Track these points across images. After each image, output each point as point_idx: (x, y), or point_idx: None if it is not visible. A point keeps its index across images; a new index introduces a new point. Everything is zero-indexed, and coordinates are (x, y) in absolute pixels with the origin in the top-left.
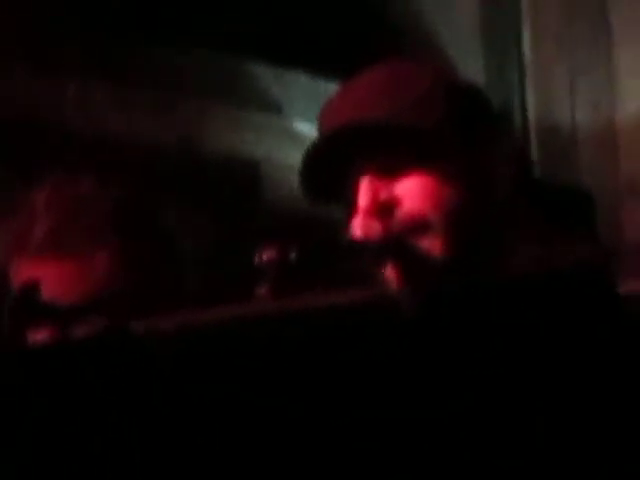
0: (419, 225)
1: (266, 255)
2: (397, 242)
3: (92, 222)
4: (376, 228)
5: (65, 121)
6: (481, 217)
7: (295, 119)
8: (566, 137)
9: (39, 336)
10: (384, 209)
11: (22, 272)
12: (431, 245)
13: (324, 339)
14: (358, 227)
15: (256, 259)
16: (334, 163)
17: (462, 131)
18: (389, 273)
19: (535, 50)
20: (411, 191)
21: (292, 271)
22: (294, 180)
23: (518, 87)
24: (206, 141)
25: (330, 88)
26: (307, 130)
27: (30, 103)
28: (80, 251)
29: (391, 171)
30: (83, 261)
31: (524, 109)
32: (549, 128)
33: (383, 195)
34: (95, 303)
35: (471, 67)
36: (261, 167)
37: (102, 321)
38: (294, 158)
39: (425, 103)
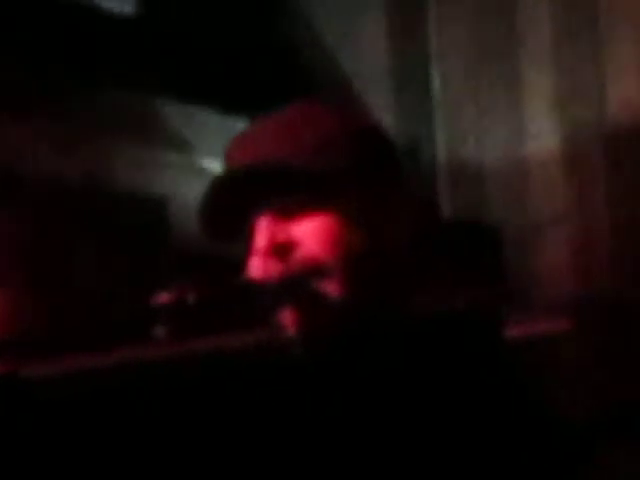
0: (315, 268)
1: (164, 297)
2: (293, 285)
3: None
4: (273, 269)
5: None
6: (378, 261)
7: (204, 157)
8: (475, 175)
9: None
10: (281, 251)
11: None
12: (327, 288)
13: (216, 383)
14: (255, 268)
15: (154, 300)
16: (234, 202)
17: (363, 175)
18: (285, 315)
19: (444, 89)
20: (308, 234)
21: (190, 313)
22: None
23: (428, 125)
24: (115, 179)
25: (239, 126)
26: (216, 168)
27: None
28: None
29: (290, 212)
30: None
31: (434, 147)
32: (458, 166)
33: (281, 236)
34: None
35: (382, 105)
36: (170, 205)
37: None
38: (200, 195)
39: (327, 146)
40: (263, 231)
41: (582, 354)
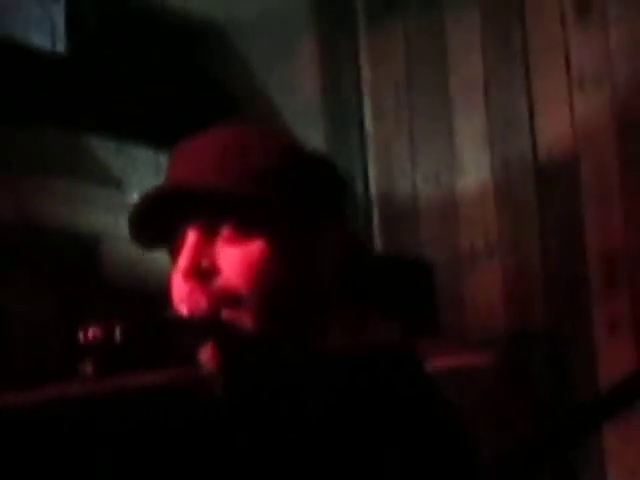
0: (232, 298)
1: (91, 333)
2: (213, 321)
3: None
4: (192, 291)
5: None
6: (299, 294)
7: (135, 192)
8: (407, 208)
9: None
10: (202, 275)
11: None
12: (242, 318)
13: (137, 420)
14: (175, 287)
15: (80, 337)
16: (163, 212)
17: (295, 206)
18: (206, 351)
19: (376, 123)
20: (231, 261)
21: (117, 349)
22: (132, 253)
23: (360, 159)
24: (45, 216)
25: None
26: None
27: None
28: None
29: (216, 233)
30: None
31: (366, 181)
32: (390, 199)
33: (205, 260)
34: None
35: (313, 139)
36: (100, 241)
37: None
38: None
39: (262, 173)
40: (188, 249)
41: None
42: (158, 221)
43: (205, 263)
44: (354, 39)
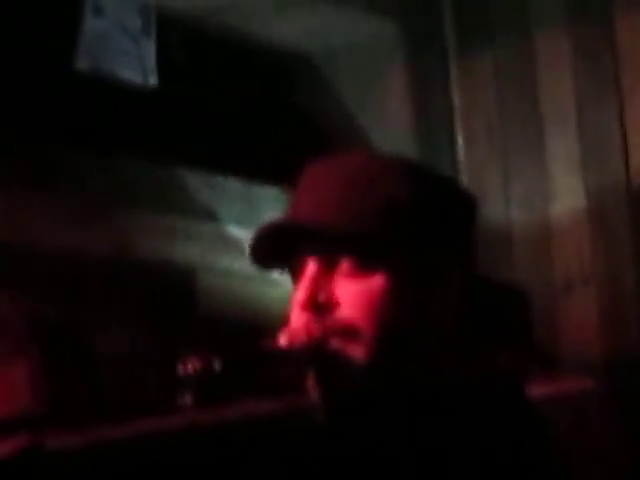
0: (347, 331)
1: (190, 365)
2: (317, 351)
3: (11, 335)
4: (308, 324)
5: None
6: (414, 332)
7: (228, 225)
8: (500, 235)
9: None
10: (320, 307)
11: None
12: (355, 352)
13: (239, 451)
14: (293, 316)
15: (180, 369)
16: (287, 242)
17: (416, 243)
18: (309, 381)
19: (468, 150)
20: (350, 297)
21: (216, 380)
22: (228, 285)
23: None
24: (139, 250)
25: (262, 192)
26: (240, 235)
27: None
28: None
29: (336, 268)
30: (2, 373)
31: None
32: (484, 228)
33: (323, 293)
34: (12, 418)
35: None
36: (195, 274)
37: (20, 438)
38: (228, 263)
39: (384, 209)
40: (306, 282)
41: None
42: (278, 248)
43: (323, 297)
44: (444, 66)
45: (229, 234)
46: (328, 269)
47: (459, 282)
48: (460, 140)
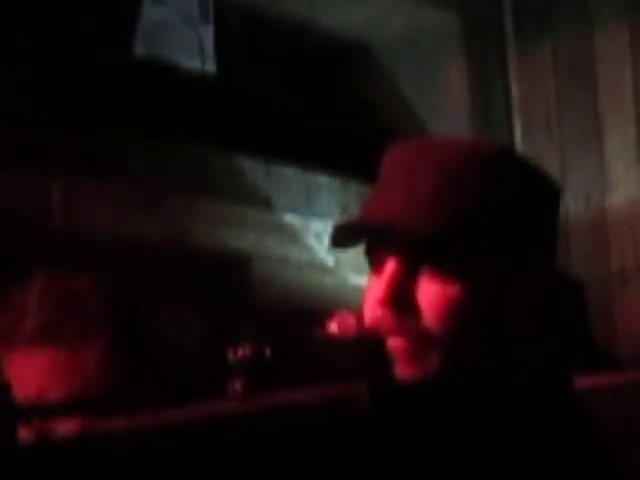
0: (424, 337)
1: (241, 352)
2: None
3: (84, 316)
4: (386, 319)
5: (51, 219)
6: (489, 341)
7: (283, 212)
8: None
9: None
10: (399, 306)
11: (13, 362)
12: (429, 358)
13: (282, 439)
14: (370, 312)
15: (230, 356)
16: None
17: (502, 248)
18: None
19: (525, 140)
20: (429, 300)
21: (267, 368)
22: (283, 273)
23: None
24: (195, 236)
25: (317, 180)
26: (296, 223)
27: (16, 201)
28: (72, 343)
29: (418, 269)
30: (74, 353)
31: None
32: None
33: (403, 292)
34: (78, 400)
35: None
36: (250, 261)
37: (85, 418)
38: (283, 251)
39: (474, 212)
40: (388, 278)
41: None
42: (360, 240)
43: (403, 296)
44: (503, 56)
45: (284, 222)
46: (409, 269)
47: (542, 283)
48: (518, 130)
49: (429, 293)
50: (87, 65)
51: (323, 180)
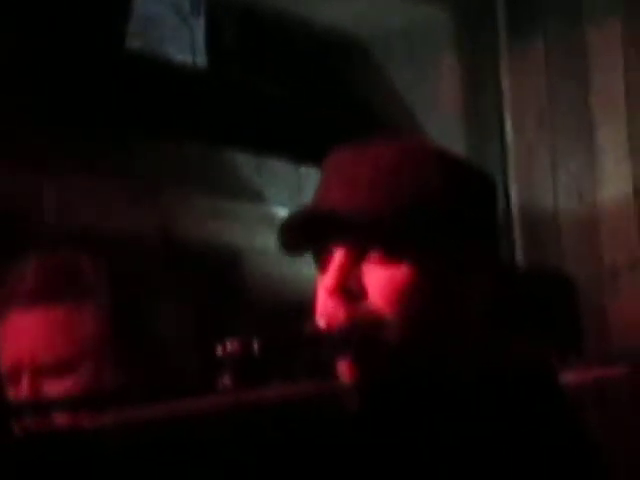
0: (375, 321)
1: (229, 346)
2: (354, 336)
3: (79, 282)
4: (336, 310)
5: (44, 214)
6: (441, 324)
7: (275, 206)
8: (548, 222)
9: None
10: (349, 296)
11: (8, 323)
12: (388, 339)
13: (270, 434)
14: (321, 305)
15: (219, 350)
16: (314, 230)
17: (445, 234)
18: (343, 365)
19: (516, 136)
20: (379, 284)
21: (255, 363)
22: (275, 267)
23: (500, 173)
24: (186, 230)
25: (310, 174)
26: None
27: (8, 197)
28: (66, 306)
29: (365, 256)
30: (68, 316)
31: (507, 195)
32: (531, 214)
33: (351, 280)
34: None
35: (454, 150)
36: (242, 255)
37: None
38: (274, 245)
39: (413, 199)
40: (336, 268)
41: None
42: (307, 234)
43: (351, 284)
44: (495, 53)
45: (276, 216)
46: (357, 257)
47: (488, 271)
48: (509, 125)
49: (377, 279)
50: (79, 58)
51: (315, 174)
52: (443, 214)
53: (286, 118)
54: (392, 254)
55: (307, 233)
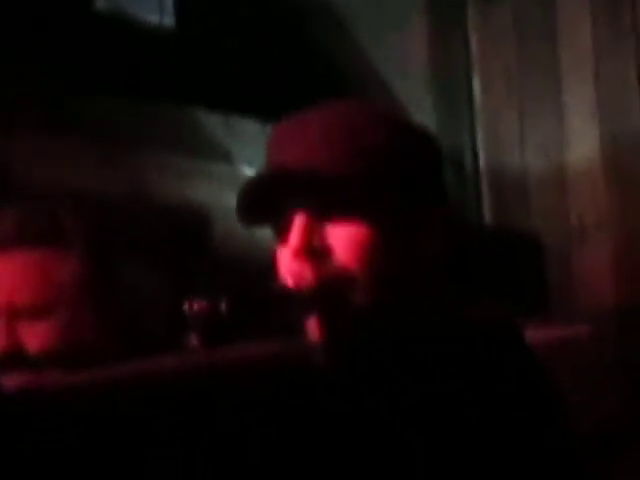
0: (344, 278)
1: (197, 305)
2: (322, 293)
3: (58, 227)
4: (304, 270)
5: (11, 174)
6: (408, 274)
7: (244, 166)
8: (516, 181)
9: None
10: (314, 254)
11: None
12: (355, 297)
13: (236, 393)
14: (286, 267)
15: (186, 309)
16: (270, 196)
17: (403, 187)
18: (311, 324)
19: (485, 96)
20: (342, 241)
21: (223, 322)
22: (243, 227)
23: (469, 133)
24: (155, 190)
25: None
26: None
27: None
28: (44, 250)
29: (327, 215)
30: (46, 260)
31: (475, 154)
32: (499, 173)
33: (316, 240)
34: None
35: (422, 113)
36: (210, 214)
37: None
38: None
39: (366, 153)
40: (299, 228)
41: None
42: (265, 202)
43: (316, 242)
44: (464, 12)
45: (245, 175)
46: (318, 217)
47: (438, 228)
48: (477, 86)
49: (340, 237)
50: (47, 18)
51: None
52: (397, 172)
53: (254, 78)
54: (351, 209)
55: (262, 201)
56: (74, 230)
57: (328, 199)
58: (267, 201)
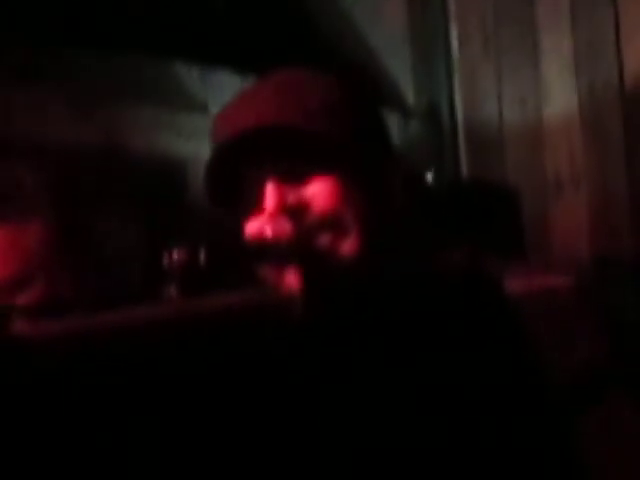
0: (332, 222)
1: (175, 255)
2: (300, 244)
3: (24, 196)
4: (286, 230)
5: None
6: (381, 221)
7: None
8: (493, 134)
9: None
10: (293, 211)
11: None
12: (342, 245)
13: (214, 342)
14: (268, 228)
15: (165, 260)
16: (236, 168)
17: (364, 140)
18: (289, 275)
19: (462, 48)
20: (320, 193)
21: (201, 272)
22: None
23: (446, 85)
24: (131, 142)
25: None
26: None
27: None
28: (11, 221)
29: (296, 176)
30: (14, 231)
31: (452, 107)
32: (477, 126)
33: (291, 198)
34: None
35: (398, 66)
36: (186, 167)
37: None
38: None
39: (331, 111)
40: (272, 193)
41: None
42: (230, 177)
43: (293, 200)
44: None
45: None
46: (288, 179)
47: (396, 176)
48: (454, 39)
49: (314, 190)
50: None
51: None
52: (357, 126)
53: (230, 29)
54: (322, 169)
55: (232, 171)
56: (36, 189)
57: (289, 159)
58: (232, 175)
